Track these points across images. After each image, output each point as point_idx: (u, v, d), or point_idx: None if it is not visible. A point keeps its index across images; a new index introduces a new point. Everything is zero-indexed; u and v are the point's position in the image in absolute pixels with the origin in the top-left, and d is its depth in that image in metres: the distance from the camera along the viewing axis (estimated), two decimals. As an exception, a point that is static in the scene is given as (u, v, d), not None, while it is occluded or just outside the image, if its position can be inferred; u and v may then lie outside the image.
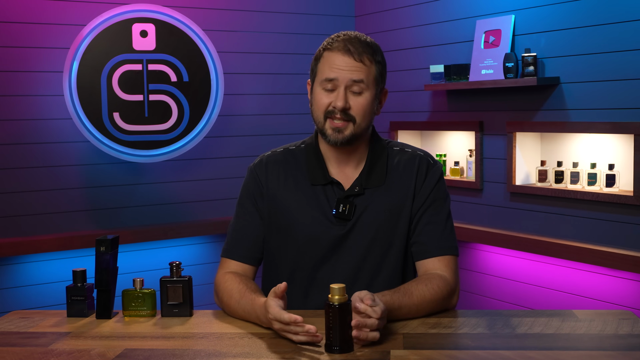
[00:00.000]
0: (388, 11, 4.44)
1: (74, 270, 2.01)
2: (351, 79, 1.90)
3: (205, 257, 4.33)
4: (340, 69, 1.90)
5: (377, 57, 1.95)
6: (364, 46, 1.92)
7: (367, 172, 2.00)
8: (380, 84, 1.97)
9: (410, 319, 1.88)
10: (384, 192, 2.00)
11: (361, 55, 1.91)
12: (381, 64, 1.96)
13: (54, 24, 3.86)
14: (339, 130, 1.92)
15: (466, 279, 4.06)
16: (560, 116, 3.51)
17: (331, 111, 1.92)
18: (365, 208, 1.98)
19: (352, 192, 1.98)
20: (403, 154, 2.05)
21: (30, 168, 3.87)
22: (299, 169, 2.03)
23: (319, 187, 2.00)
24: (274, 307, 1.72)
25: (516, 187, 3.70)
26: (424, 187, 2.01)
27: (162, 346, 1.74)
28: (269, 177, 2.05)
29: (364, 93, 1.92)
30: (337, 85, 1.91)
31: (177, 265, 1.98)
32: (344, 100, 1.90)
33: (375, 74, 1.94)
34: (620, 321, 1.85)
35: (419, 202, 2.00)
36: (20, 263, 3.86)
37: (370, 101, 1.93)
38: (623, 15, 3.22)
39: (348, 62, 1.90)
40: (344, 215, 1.97)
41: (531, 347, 1.67)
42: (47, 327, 1.92)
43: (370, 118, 1.97)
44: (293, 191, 2.02)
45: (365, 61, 1.91)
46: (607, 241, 3.33)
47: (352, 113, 1.92)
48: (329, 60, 1.92)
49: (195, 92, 4.03)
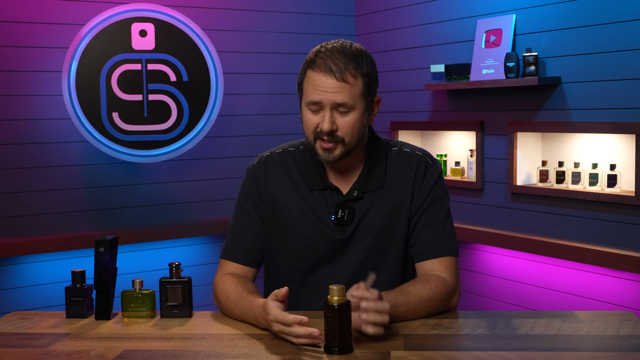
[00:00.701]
0: (388, 10, 4.43)
1: (73, 271, 2.00)
2: (335, 102, 1.84)
3: (205, 258, 4.33)
4: (324, 91, 1.84)
5: (363, 68, 1.86)
6: (347, 61, 1.84)
7: (365, 176, 1.98)
8: (369, 96, 1.90)
9: (410, 320, 1.87)
10: (383, 195, 1.98)
11: (343, 73, 1.83)
12: (367, 76, 1.87)
13: (53, 23, 3.86)
14: (329, 150, 1.89)
15: (467, 279, 4.05)
16: (561, 116, 3.50)
17: (319, 132, 1.87)
18: (365, 212, 1.97)
19: (351, 197, 1.97)
20: (401, 155, 2.02)
21: (29, 168, 3.86)
22: (298, 171, 2.01)
23: (317, 191, 1.99)
24: (275, 309, 1.70)
25: (517, 187, 3.69)
26: (422, 187, 1.99)
27: (161, 347, 1.74)
28: (267, 178, 2.03)
29: (350, 112, 1.86)
30: (323, 107, 1.86)
31: (177, 266, 1.97)
32: (329, 123, 1.85)
33: (362, 89, 1.87)
34: (622, 322, 1.85)
35: (417, 203, 1.99)
36: (19, 264, 3.85)
37: (357, 118, 1.87)
38: (625, 15, 3.22)
39: (331, 83, 1.83)
40: (343, 221, 1.95)
41: (532, 348, 1.66)
42: (46, 328, 1.92)
43: (361, 133, 1.92)
44: (292, 194, 2.00)
45: (348, 79, 1.84)
46: (608, 242, 3.32)
47: (340, 134, 1.87)
48: (312, 81, 1.86)
49: (194, 92, 4.02)
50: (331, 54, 1.85)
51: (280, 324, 1.69)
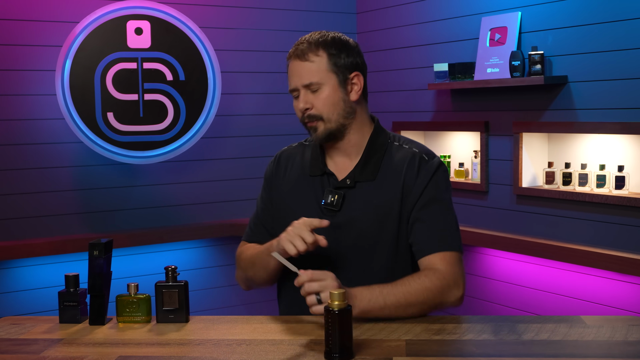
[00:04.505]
0: (390, 8, 4.45)
1: (67, 275, 2.01)
2: (303, 83, 2.02)
3: (202, 262, 4.33)
4: (294, 75, 2.04)
5: (329, 49, 2.01)
6: (311, 45, 2.02)
7: (361, 166, 2.06)
8: (340, 72, 2.02)
9: (405, 316, 1.89)
10: (374, 188, 2.04)
11: (306, 54, 2.01)
12: (336, 55, 2.02)
13: (46, 21, 3.86)
14: (314, 129, 2.04)
15: (471, 283, 4.05)
16: (568, 116, 3.50)
17: (302, 116, 2.05)
18: (355, 202, 2.04)
19: (344, 184, 2.05)
20: (399, 150, 2.08)
21: (22, 169, 3.86)
22: (305, 161, 2.15)
23: (316, 178, 2.10)
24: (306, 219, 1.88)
25: (523, 189, 3.70)
26: (416, 184, 2.02)
27: (157, 353, 1.74)
28: (279, 169, 2.19)
29: (321, 88, 2.01)
30: (298, 91, 2.04)
31: (173, 269, 2.00)
32: (303, 102, 2.03)
33: (328, 65, 2.01)
34: (630, 327, 1.85)
35: (412, 201, 2.02)
36: (11, 267, 3.85)
37: (329, 93, 2.01)
38: (633, 13, 3.22)
39: (297, 66, 2.03)
40: (332, 206, 2.03)
41: (538, 354, 1.67)
42: (38, 334, 1.93)
43: (341, 108, 2.03)
44: (293, 182, 2.13)
45: (310, 58, 2.01)
46: (616, 245, 3.32)
47: (315, 112, 2.02)
48: (288, 70, 2.06)
49: (191, 92, 4.03)
50: (300, 42, 2.05)
51: (304, 228, 1.84)
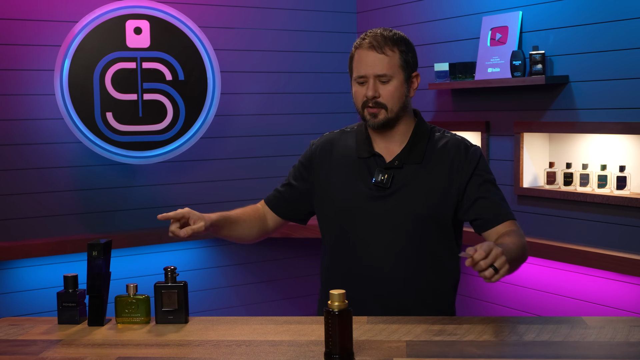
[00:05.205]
0: (390, 7, 4.44)
1: (65, 275, 2.03)
2: (376, 73, 2.20)
3: (201, 263, 4.32)
4: (368, 65, 2.20)
5: (401, 47, 2.23)
6: (386, 40, 2.21)
7: (408, 149, 2.25)
8: (407, 69, 2.24)
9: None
10: (422, 170, 2.23)
11: (382, 47, 2.20)
12: (405, 52, 2.24)
13: (45, 20, 3.85)
14: (374, 115, 2.22)
15: (472, 284, 4.04)
16: (569, 116, 3.49)
17: (366, 101, 2.22)
18: (403, 182, 2.22)
19: (392, 165, 2.23)
20: (443, 138, 2.30)
21: (20, 170, 3.85)
22: (349, 145, 2.33)
23: (363, 160, 2.27)
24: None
25: (523, 189, 3.69)
26: (466, 166, 2.22)
27: (156, 354, 1.75)
28: (324, 152, 2.35)
29: (390, 81, 2.21)
30: (367, 78, 2.21)
31: (172, 270, 2.01)
32: (373, 90, 2.20)
33: (400, 62, 2.22)
34: (631, 328, 1.86)
35: (463, 182, 2.21)
36: (9, 268, 3.84)
37: (397, 87, 2.22)
38: (634, 12, 3.21)
39: (372, 57, 2.20)
40: (382, 184, 2.20)
41: (539, 355, 1.68)
42: (37, 335, 1.93)
43: (402, 102, 2.24)
44: (339, 165, 2.31)
45: (387, 52, 2.20)
46: (617, 245, 3.32)
47: (382, 100, 2.20)
48: (359, 58, 2.23)
49: (191, 91, 4.01)
50: (374, 36, 2.23)
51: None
